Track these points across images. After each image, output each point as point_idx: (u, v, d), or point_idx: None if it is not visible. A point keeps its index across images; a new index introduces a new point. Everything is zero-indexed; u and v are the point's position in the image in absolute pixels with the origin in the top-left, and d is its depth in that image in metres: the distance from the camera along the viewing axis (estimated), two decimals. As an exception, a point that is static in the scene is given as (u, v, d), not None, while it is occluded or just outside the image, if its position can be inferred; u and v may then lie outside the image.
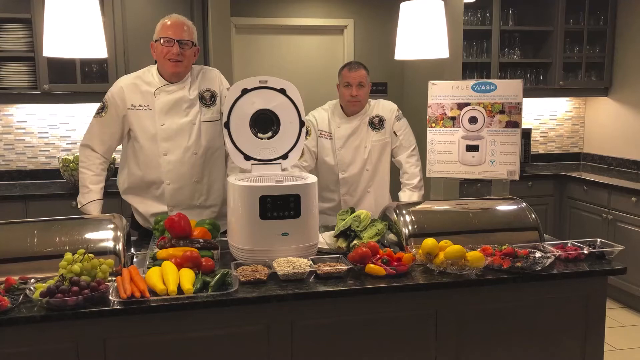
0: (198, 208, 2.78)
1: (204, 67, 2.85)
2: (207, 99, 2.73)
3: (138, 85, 2.69)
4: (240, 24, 5.05)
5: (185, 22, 2.65)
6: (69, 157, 4.20)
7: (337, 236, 2.45)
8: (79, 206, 2.74)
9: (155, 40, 2.64)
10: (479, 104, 3.11)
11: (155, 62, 2.72)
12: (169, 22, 2.61)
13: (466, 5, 4.79)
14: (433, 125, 3.20)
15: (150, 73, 2.73)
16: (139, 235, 2.79)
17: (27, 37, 4.19)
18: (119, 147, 2.85)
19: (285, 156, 2.49)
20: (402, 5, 2.57)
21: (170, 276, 1.94)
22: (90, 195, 2.72)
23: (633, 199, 4.26)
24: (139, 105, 2.67)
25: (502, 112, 3.09)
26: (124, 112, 2.68)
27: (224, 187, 2.79)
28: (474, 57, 5.11)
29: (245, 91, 2.44)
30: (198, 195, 2.77)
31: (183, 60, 2.62)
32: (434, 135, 3.20)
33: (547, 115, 5.64)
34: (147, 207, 2.78)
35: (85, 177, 2.74)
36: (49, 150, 4.62)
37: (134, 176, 2.76)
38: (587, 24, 5.18)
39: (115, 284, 1.92)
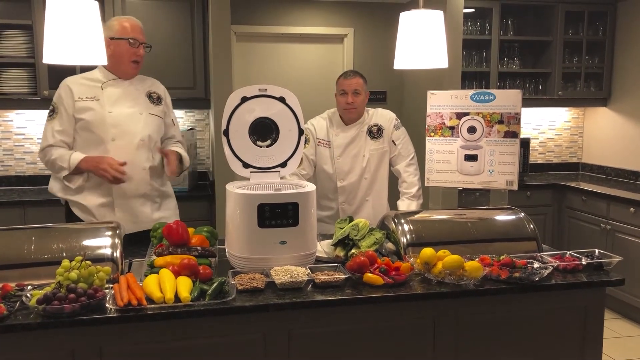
0: (142, 198, 2.82)
1: (147, 76, 2.97)
2: (155, 98, 2.89)
3: (84, 82, 2.81)
4: (241, 32, 5.07)
5: (141, 25, 2.83)
6: (68, 163, 4.20)
7: (335, 245, 2.44)
8: (68, 172, 2.70)
9: (112, 38, 2.72)
10: (477, 113, 3.12)
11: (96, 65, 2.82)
12: (131, 24, 2.77)
13: (466, 15, 4.81)
14: (432, 134, 3.20)
15: (95, 73, 2.85)
16: (135, 242, 2.78)
17: (28, 43, 4.20)
18: None
19: (284, 164, 2.49)
20: (402, 14, 2.57)
21: (167, 284, 1.93)
22: (75, 155, 2.70)
23: (632, 209, 4.26)
24: (86, 97, 2.76)
25: (500, 122, 3.09)
26: (72, 109, 2.74)
27: (165, 181, 2.95)
28: (473, 67, 5.13)
29: (244, 99, 2.44)
30: (144, 184, 2.81)
31: (141, 61, 2.81)
32: (432, 144, 3.21)
33: (546, 125, 5.65)
34: (92, 200, 2.77)
35: (60, 153, 2.72)
36: (47, 156, 4.61)
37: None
38: (586, 35, 5.20)
39: (112, 292, 1.92)
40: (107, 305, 1.85)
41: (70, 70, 4.17)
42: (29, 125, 4.56)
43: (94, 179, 2.76)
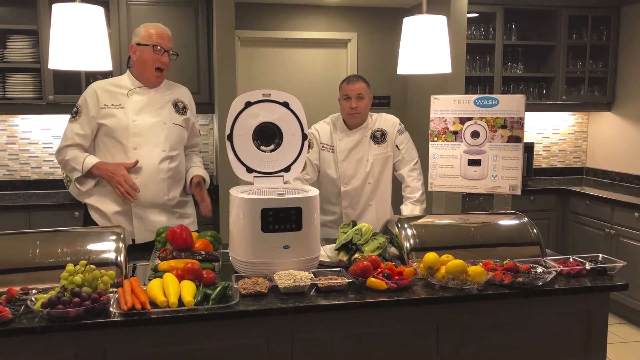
0: (160, 207, 2.82)
1: (175, 83, 2.98)
2: (180, 107, 2.88)
3: (111, 89, 2.80)
4: (245, 37, 5.08)
5: (169, 32, 2.82)
6: (73, 168, 4.21)
7: (339, 249, 2.45)
8: (80, 174, 2.73)
9: (139, 44, 2.74)
10: (481, 118, 3.12)
11: (128, 66, 2.86)
12: (157, 31, 2.76)
13: (469, 19, 4.82)
14: (435, 139, 3.21)
15: (123, 78, 2.85)
16: (139, 246, 2.79)
17: (33, 49, 4.22)
18: None
19: (287, 169, 2.50)
20: (405, 20, 2.58)
21: (171, 288, 1.94)
22: (89, 159, 2.73)
23: (636, 214, 4.25)
24: (112, 104, 2.76)
25: (504, 126, 3.09)
26: (95, 114, 2.75)
27: (184, 191, 2.93)
28: (476, 71, 5.13)
29: (248, 104, 2.45)
30: (162, 194, 2.81)
31: (165, 69, 2.79)
32: (436, 149, 3.20)
33: (550, 130, 5.64)
34: (109, 207, 2.79)
35: (75, 154, 2.75)
36: (52, 161, 4.63)
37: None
38: (590, 39, 5.20)
39: (117, 296, 1.93)
40: (111, 309, 1.86)
41: (75, 75, 4.22)
42: (34, 130, 4.58)
43: (106, 185, 2.75)
